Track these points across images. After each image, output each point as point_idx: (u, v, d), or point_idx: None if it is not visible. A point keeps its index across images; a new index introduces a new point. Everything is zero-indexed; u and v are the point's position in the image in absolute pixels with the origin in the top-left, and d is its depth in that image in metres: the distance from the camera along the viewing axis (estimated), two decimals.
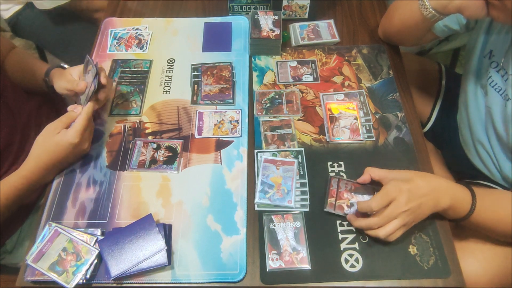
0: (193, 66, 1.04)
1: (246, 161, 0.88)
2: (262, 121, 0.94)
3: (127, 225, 0.77)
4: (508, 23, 0.75)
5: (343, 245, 0.77)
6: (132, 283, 0.74)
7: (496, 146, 0.90)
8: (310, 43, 1.08)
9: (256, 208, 0.82)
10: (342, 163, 0.87)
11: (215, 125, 0.93)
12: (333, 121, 0.93)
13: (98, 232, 0.78)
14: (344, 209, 0.79)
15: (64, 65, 1.00)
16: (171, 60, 1.06)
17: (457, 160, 1.07)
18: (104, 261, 0.73)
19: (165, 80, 1.02)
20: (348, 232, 0.78)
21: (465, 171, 1.05)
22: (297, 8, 1.12)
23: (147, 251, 0.74)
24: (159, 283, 0.74)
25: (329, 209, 0.80)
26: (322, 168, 0.86)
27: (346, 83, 1.00)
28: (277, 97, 0.98)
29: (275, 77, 1.02)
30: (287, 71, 1.03)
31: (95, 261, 0.74)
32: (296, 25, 1.12)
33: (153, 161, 0.88)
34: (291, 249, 0.76)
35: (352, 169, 0.85)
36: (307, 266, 0.75)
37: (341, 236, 0.78)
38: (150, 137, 0.92)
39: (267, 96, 0.98)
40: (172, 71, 1.04)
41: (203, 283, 0.74)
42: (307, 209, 0.81)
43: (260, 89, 1.00)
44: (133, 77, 1.03)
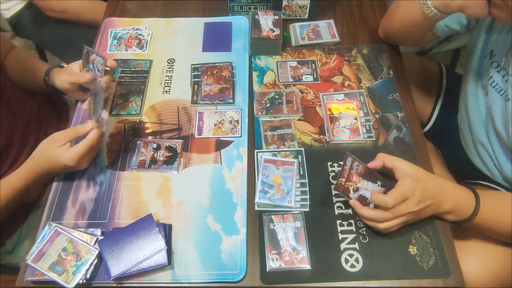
0: (193, 66, 1.04)
1: (246, 161, 0.88)
2: (262, 121, 0.94)
3: (127, 225, 0.77)
4: (509, 22, 0.74)
5: (343, 245, 0.77)
6: (132, 283, 0.74)
7: (497, 146, 0.90)
8: (310, 43, 1.08)
9: (256, 208, 0.81)
10: (342, 163, 0.87)
11: (215, 125, 0.93)
12: (333, 121, 0.93)
13: (98, 232, 0.78)
14: (350, 193, 0.76)
15: (64, 65, 1.01)
16: (171, 60, 1.06)
17: (458, 160, 1.07)
18: (104, 261, 0.73)
19: (165, 80, 1.02)
20: (348, 232, 0.78)
21: (465, 171, 1.05)
22: (297, 8, 1.12)
23: (147, 251, 0.74)
24: (159, 283, 0.74)
25: (337, 189, 0.77)
26: (322, 168, 0.86)
27: (346, 83, 1.00)
28: (277, 97, 0.98)
29: (275, 77, 1.02)
30: (287, 71, 1.03)
31: (95, 261, 0.74)
32: (296, 25, 1.11)
33: (153, 161, 0.88)
34: (291, 249, 0.76)
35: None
36: (307, 266, 0.75)
37: (341, 236, 0.78)
38: (150, 137, 0.92)
39: (267, 96, 0.98)
40: (172, 71, 1.04)
41: (203, 283, 0.74)
42: (307, 209, 0.81)
43: (260, 89, 1.00)
44: (133, 77, 1.03)
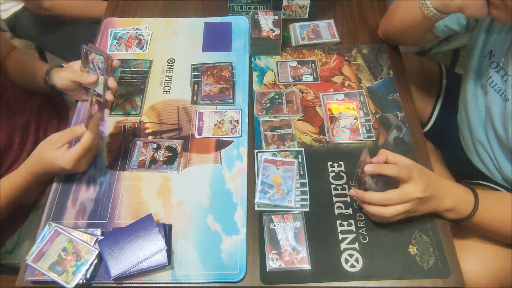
0: (193, 66, 1.04)
1: (246, 161, 0.88)
2: (262, 121, 0.94)
3: (127, 225, 0.77)
4: (509, 22, 0.74)
5: (343, 245, 0.77)
6: (132, 283, 0.74)
7: (496, 146, 0.90)
8: (310, 43, 1.08)
9: (256, 208, 0.81)
10: (342, 163, 0.87)
11: (215, 125, 0.93)
12: (333, 121, 0.93)
13: (98, 232, 0.78)
14: (361, 184, 0.77)
15: (64, 65, 1.00)
16: (171, 60, 1.06)
17: (457, 160, 1.07)
18: (104, 261, 0.73)
19: (165, 80, 1.02)
20: (348, 232, 0.78)
21: (465, 171, 1.05)
22: (297, 8, 1.12)
23: (147, 251, 0.74)
24: (159, 283, 0.74)
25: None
26: (322, 168, 0.86)
27: (346, 83, 1.00)
28: (277, 97, 0.98)
29: (275, 77, 1.02)
30: (287, 71, 1.03)
31: (95, 261, 0.74)
32: (296, 25, 1.12)
33: (153, 161, 0.88)
34: (291, 249, 0.76)
35: (352, 169, 0.85)
36: (307, 266, 0.75)
37: (341, 236, 0.78)
38: (150, 137, 0.92)
39: (267, 96, 0.98)
40: (172, 71, 1.04)
41: (203, 283, 0.74)
42: (307, 209, 0.81)
43: (260, 89, 1.00)
44: (133, 77, 1.03)
